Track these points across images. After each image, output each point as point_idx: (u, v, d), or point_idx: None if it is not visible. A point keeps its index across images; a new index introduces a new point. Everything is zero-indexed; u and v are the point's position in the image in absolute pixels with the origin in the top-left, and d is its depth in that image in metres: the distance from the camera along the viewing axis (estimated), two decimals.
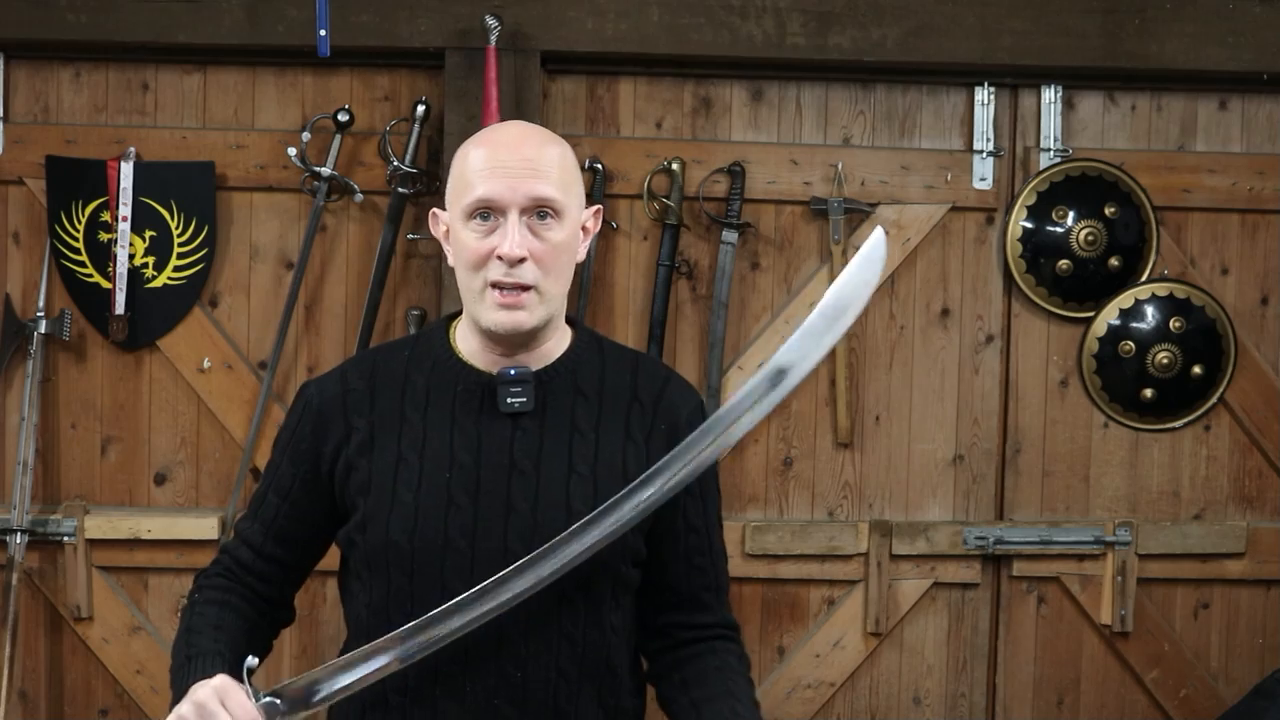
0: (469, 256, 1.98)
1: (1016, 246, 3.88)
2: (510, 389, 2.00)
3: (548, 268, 1.97)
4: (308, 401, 2.08)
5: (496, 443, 2.00)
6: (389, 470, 2.00)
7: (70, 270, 3.76)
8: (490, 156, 1.98)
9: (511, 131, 2.04)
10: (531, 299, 1.97)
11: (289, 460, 2.08)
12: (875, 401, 3.91)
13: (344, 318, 3.82)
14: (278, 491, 2.09)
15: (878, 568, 3.85)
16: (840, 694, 3.92)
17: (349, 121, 3.72)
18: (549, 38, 3.69)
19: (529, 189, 1.95)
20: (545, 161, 1.98)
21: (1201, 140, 3.95)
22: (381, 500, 2.00)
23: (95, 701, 3.84)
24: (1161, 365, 3.91)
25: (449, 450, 2.00)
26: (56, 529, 3.74)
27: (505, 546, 1.96)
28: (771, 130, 3.88)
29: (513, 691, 1.99)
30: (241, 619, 2.07)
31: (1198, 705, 3.95)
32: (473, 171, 1.98)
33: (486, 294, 1.97)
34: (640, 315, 3.83)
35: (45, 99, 3.80)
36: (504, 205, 1.95)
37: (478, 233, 1.97)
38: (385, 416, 2.03)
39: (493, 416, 2.01)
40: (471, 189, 1.97)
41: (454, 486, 1.99)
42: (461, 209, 1.98)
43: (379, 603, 2.02)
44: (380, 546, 2.00)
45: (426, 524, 1.98)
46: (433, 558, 1.97)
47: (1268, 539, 3.96)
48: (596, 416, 2.04)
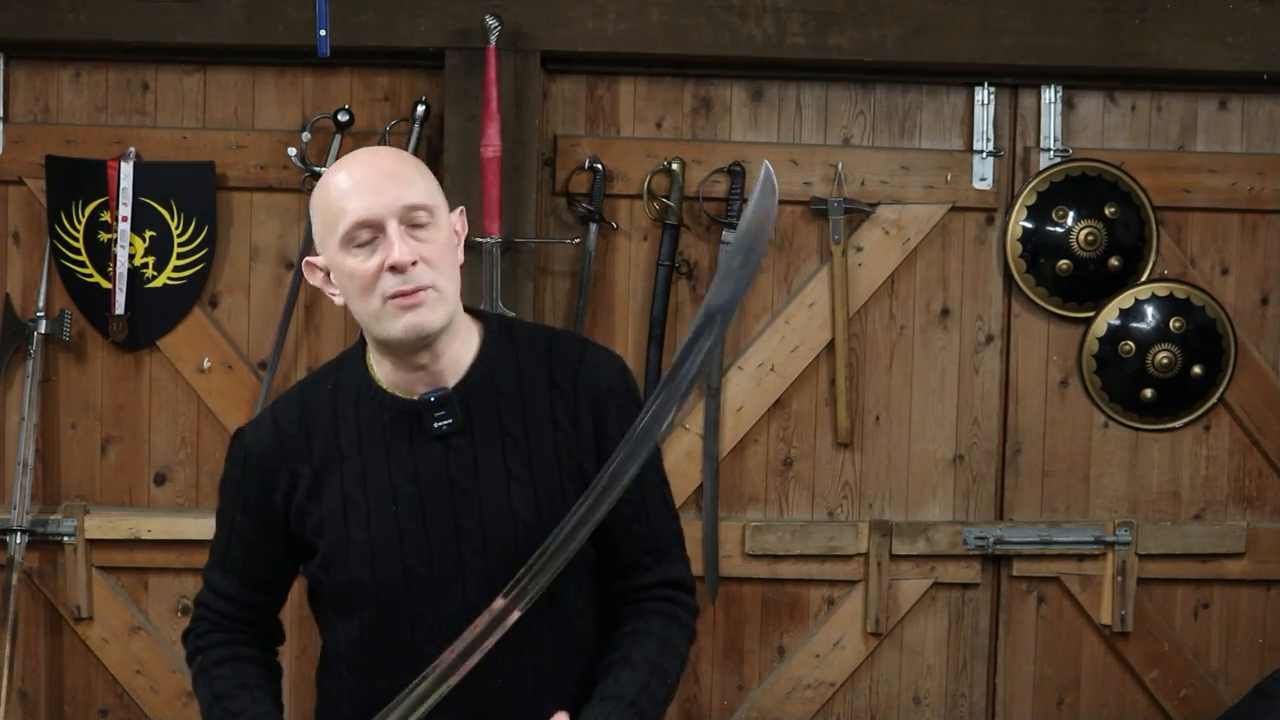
0: (360, 281, 2.00)
1: (1016, 246, 3.88)
2: (434, 413, 2.03)
3: (438, 266, 1.99)
4: (248, 454, 2.13)
5: (432, 467, 2.04)
6: (339, 511, 2.05)
7: (70, 270, 3.76)
8: (352, 180, 2.00)
9: (363, 156, 2.07)
10: (431, 296, 1.99)
11: (241, 512, 2.16)
12: (875, 401, 3.91)
13: (344, 318, 3.82)
14: (240, 542, 2.17)
15: (878, 568, 3.85)
16: (840, 694, 3.92)
17: (349, 121, 3.72)
18: (549, 38, 3.69)
19: (399, 197, 1.98)
20: (406, 172, 2.02)
21: (1201, 140, 3.95)
22: (337, 541, 2.05)
23: (95, 701, 3.84)
24: (1161, 365, 3.91)
25: (389, 482, 2.04)
26: (56, 529, 3.74)
27: (463, 565, 2.02)
28: (771, 130, 3.88)
29: (497, 697, 2.04)
30: (254, 665, 2.16)
31: (1198, 705, 3.95)
32: (340, 199, 2.00)
33: (387, 307, 1.99)
34: (640, 315, 3.83)
35: (45, 99, 3.80)
36: (380, 218, 1.97)
37: (360, 256, 1.99)
38: (325, 458, 2.07)
39: (424, 441, 2.04)
40: (344, 214, 1.98)
41: (402, 517, 2.03)
42: (339, 238, 2.00)
43: (356, 635, 2.08)
44: (345, 585, 2.06)
45: (384, 558, 2.03)
46: (396, 589, 2.02)
47: (1268, 539, 3.96)
48: (521, 414, 2.06)
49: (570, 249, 3.82)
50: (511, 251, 3.67)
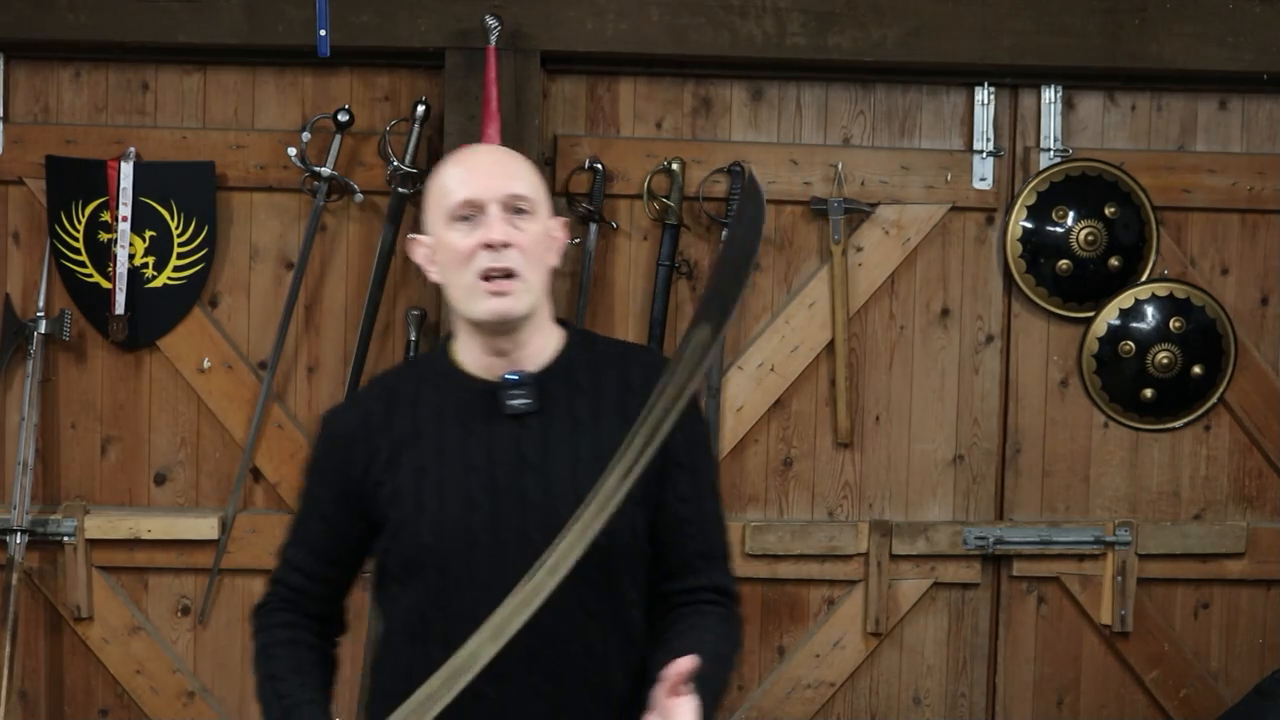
0: (457, 254, 2.16)
1: (1016, 246, 3.88)
2: (511, 392, 2.16)
3: (529, 256, 2.15)
4: (330, 431, 2.27)
5: (506, 443, 2.16)
6: (413, 481, 2.17)
7: (70, 270, 3.76)
8: (466, 166, 2.21)
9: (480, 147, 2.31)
10: (518, 285, 2.14)
11: (322, 486, 2.27)
12: (875, 401, 3.91)
13: (344, 318, 3.82)
14: (317, 515, 2.28)
15: (878, 568, 3.85)
16: (840, 694, 3.92)
17: (349, 121, 3.72)
18: (549, 38, 3.69)
19: (504, 185, 2.16)
20: (515, 166, 2.21)
21: (1201, 140, 3.95)
22: (410, 509, 2.17)
23: (95, 701, 3.84)
24: (1161, 365, 3.91)
25: (464, 455, 2.17)
26: (56, 529, 3.74)
27: (526, 537, 2.12)
28: (771, 130, 3.88)
29: (546, 668, 2.13)
30: (313, 652, 2.27)
31: (1198, 705, 3.95)
32: (452, 181, 2.19)
33: (477, 287, 2.14)
34: (640, 315, 3.83)
35: (45, 99, 3.80)
36: (484, 201, 2.15)
37: (462, 232, 2.15)
38: (403, 433, 2.20)
39: (499, 419, 2.17)
40: (453, 194, 2.17)
41: (473, 488, 2.15)
42: (445, 215, 2.17)
43: (415, 602, 2.18)
44: (414, 550, 2.17)
45: (453, 525, 2.15)
46: (461, 555, 2.14)
47: (1268, 539, 3.96)
48: (596, 407, 2.19)
49: (570, 249, 3.82)
50: None
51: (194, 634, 3.84)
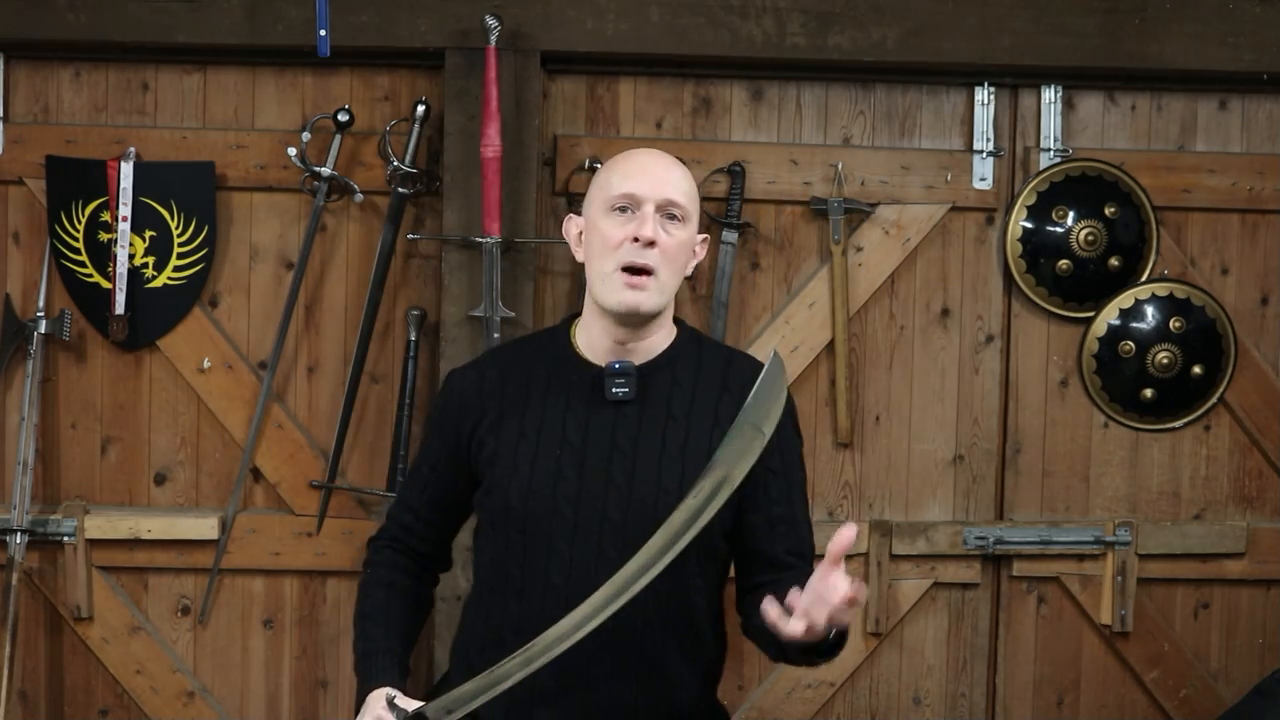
0: (607, 240, 2.35)
1: (1016, 246, 3.88)
2: (615, 380, 2.36)
3: (669, 259, 2.36)
4: (451, 388, 2.50)
5: (601, 426, 2.36)
6: (511, 446, 2.38)
7: (70, 270, 3.76)
8: (636, 164, 2.41)
9: (652, 152, 2.50)
10: (652, 284, 2.34)
11: (437, 437, 2.50)
12: (875, 401, 3.91)
13: (344, 318, 3.82)
14: (429, 464, 2.51)
15: (878, 568, 3.85)
16: (840, 694, 3.92)
17: (349, 121, 3.72)
18: (549, 38, 3.69)
19: (665, 191, 2.38)
20: (679, 177, 2.43)
21: (1201, 140, 3.95)
22: (504, 470, 2.38)
23: (95, 701, 3.84)
24: (1161, 365, 3.91)
25: (561, 431, 2.37)
26: (56, 529, 3.74)
27: (604, 515, 2.32)
28: (771, 130, 3.88)
29: (606, 637, 2.27)
30: (406, 595, 2.49)
31: (1198, 705, 3.95)
32: (619, 175, 2.39)
33: (616, 276, 2.34)
34: None
35: (45, 99, 3.80)
36: (643, 199, 2.35)
37: (616, 222, 2.36)
38: (512, 401, 2.41)
39: (600, 403, 2.37)
40: (617, 186, 2.37)
41: (564, 462, 2.35)
42: (605, 201, 2.38)
43: (499, 556, 2.39)
44: (501, 509, 2.38)
45: (538, 492, 2.34)
46: (542, 520, 2.33)
47: (1268, 539, 3.96)
48: (689, 405, 2.38)
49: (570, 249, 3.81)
50: (511, 251, 3.67)
51: (194, 634, 3.84)
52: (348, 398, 3.76)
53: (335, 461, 3.78)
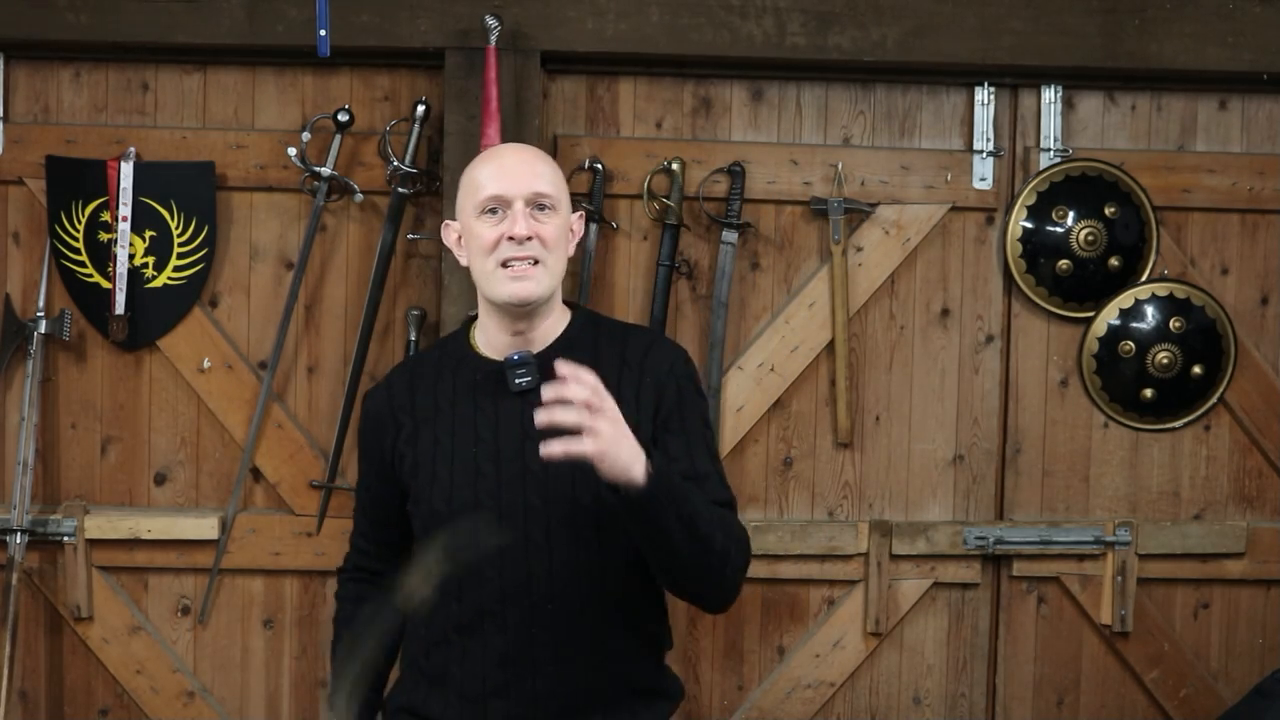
0: (483, 244, 2.42)
1: (1016, 246, 3.88)
2: (516, 371, 2.41)
3: (549, 246, 2.42)
4: (366, 409, 2.60)
5: (510, 418, 2.41)
6: (429, 453, 2.45)
7: (70, 270, 3.76)
8: (497, 164, 2.47)
9: (511, 146, 2.61)
10: (538, 271, 2.40)
11: (364, 460, 2.61)
12: (875, 401, 3.91)
13: (344, 318, 3.82)
14: (364, 487, 2.63)
15: (878, 568, 3.85)
16: (840, 694, 3.92)
17: (349, 121, 3.72)
18: (549, 38, 3.69)
19: (531, 185, 2.42)
20: (540, 167, 2.47)
21: (1201, 140, 3.95)
22: (425, 478, 2.45)
23: (95, 701, 3.84)
24: (1161, 365, 3.91)
25: (474, 430, 2.43)
26: (56, 529, 3.74)
27: (525, 503, 2.39)
28: (771, 130, 3.88)
29: (546, 619, 2.39)
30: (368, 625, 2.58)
31: (1198, 705, 3.95)
32: (483, 177, 2.45)
33: (498, 272, 2.40)
34: (640, 315, 3.83)
35: (45, 99, 3.80)
36: (510, 198, 2.41)
37: (489, 224, 2.42)
38: (424, 410, 2.48)
39: (506, 396, 2.42)
40: (482, 189, 2.43)
41: (480, 459, 2.41)
42: (474, 207, 2.44)
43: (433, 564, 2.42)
44: (428, 515, 2.45)
45: (460, 492, 2.41)
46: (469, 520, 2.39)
47: (1268, 539, 3.96)
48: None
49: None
50: None
51: (194, 634, 3.84)
52: (348, 398, 3.76)
53: (335, 461, 3.78)
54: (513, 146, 2.62)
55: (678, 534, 2.27)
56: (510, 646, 2.40)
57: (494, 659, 2.41)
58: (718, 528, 2.35)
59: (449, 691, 2.47)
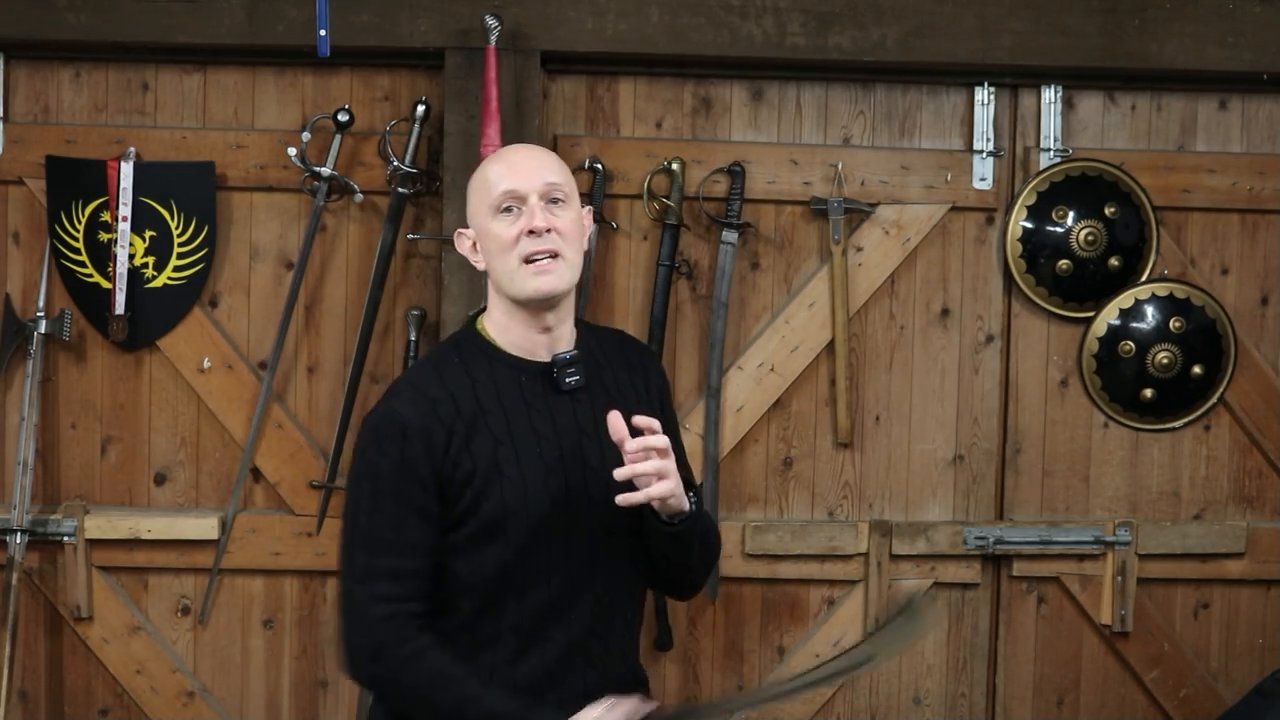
0: (502, 242, 2.40)
1: (1016, 246, 3.88)
2: (567, 370, 2.43)
3: (567, 239, 2.42)
4: (406, 427, 2.38)
5: (565, 415, 2.43)
6: (491, 453, 2.39)
7: (70, 270, 3.76)
8: (506, 163, 2.46)
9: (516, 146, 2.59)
10: (559, 265, 2.39)
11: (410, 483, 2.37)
12: (875, 401, 3.91)
13: (344, 318, 3.82)
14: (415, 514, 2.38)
15: (878, 568, 3.85)
16: (840, 694, 3.92)
17: (349, 121, 3.72)
18: (549, 38, 3.69)
19: (541, 177, 2.43)
20: (550, 162, 2.49)
21: (1201, 140, 3.95)
22: (491, 478, 2.38)
23: (95, 701, 3.84)
24: (1161, 365, 3.91)
25: (532, 428, 2.42)
26: (56, 529, 3.74)
27: (589, 497, 2.40)
28: (771, 130, 3.88)
29: (603, 610, 2.44)
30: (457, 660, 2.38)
31: (1198, 705, 3.95)
32: (494, 176, 2.44)
33: (521, 268, 2.39)
34: (640, 315, 3.83)
35: (45, 99, 3.80)
36: (525, 192, 2.41)
37: (505, 222, 2.41)
38: (470, 413, 2.41)
39: (556, 395, 2.44)
40: (496, 187, 2.42)
41: (545, 456, 2.41)
42: (489, 207, 2.42)
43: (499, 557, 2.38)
44: (499, 516, 2.37)
45: (534, 490, 2.39)
46: (541, 514, 2.38)
47: (1268, 539, 3.96)
48: (618, 383, 2.50)
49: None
50: None
51: (194, 634, 3.84)
52: (348, 398, 3.76)
53: (335, 461, 3.78)
54: (518, 145, 2.61)
55: (698, 545, 2.46)
56: (572, 640, 2.42)
57: (555, 653, 2.41)
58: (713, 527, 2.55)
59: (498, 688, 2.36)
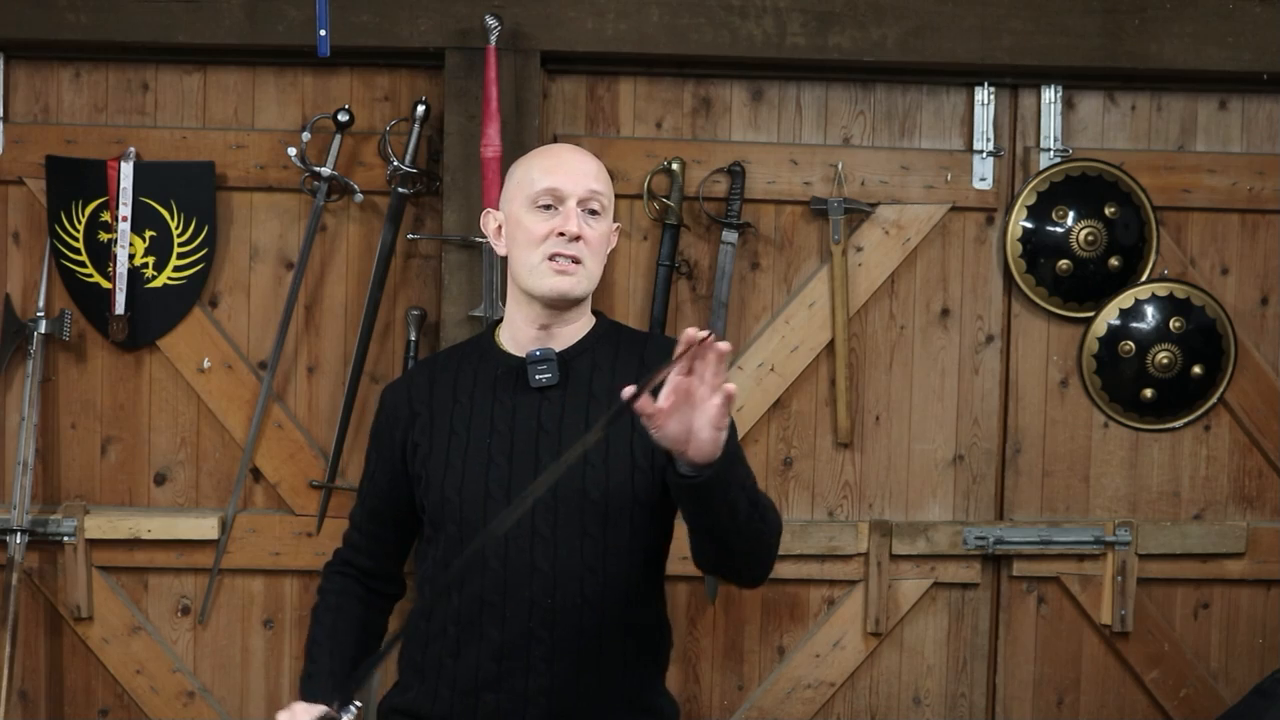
0: (531, 236, 2.42)
1: (1016, 246, 3.88)
2: (537, 367, 2.43)
3: (593, 250, 2.44)
4: (384, 401, 2.60)
5: (527, 412, 2.43)
6: (444, 443, 2.46)
7: (70, 270, 3.76)
8: (555, 160, 2.48)
9: (568, 146, 2.59)
10: (580, 271, 2.42)
11: (375, 450, 2.59)
12: (875, 401, 3.91)
13: (344, 318, 3.82)
14: (369, 478, 2.60)
15: (878, 568, 3.85)
16: (840, 694, 3.93)
17: (349, 121, 3.72)
18: (549, 38, 3.69)
19: (587, 184, 2.44)
20: (598, 170, 2.50)
21: (1201, 140, 3.95)
22: (438, 466, 2.45)
23: (95, 701, 3.84)
24: (1161, 365, 3.91)
25: (489, 421, 2.44)
26: (56, 529, 3.74)
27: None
28: (771, 130, 3.88)
29: (544, 615, 2.38)
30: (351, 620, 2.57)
31: (1198, 705, 3.95)
32: (539, 171, 2.45)
33: (544, 265, 2.41)
34: (640, 315, 3.83)
35: (45, 99, 3.80)
36: (565, 194, 2.42)
37: (540, 217, 2.42)
38: (442, 402, 2.49)
39: (525, 391, 2.44)
40: (538, 182, 2.43)
41: (493, 450, 2.42)
42: (527, 198, 2.43)
43: (440, 553, 2.46)
44: (439, 504, 2.45)
45: (470, 481, 2.41)
46: (476, 508, 2.39)
47: (1268, 539, 3.96)
48: (609, 385, 2.44)
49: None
50: None
51: (194, 634, 3.84)
52: (348, 398, 3.76)
53: (335, 461, 3.78)
54: (570, 146, 2.60)
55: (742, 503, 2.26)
56: (507, 640, 2.39)
57: (489, 652, 2.40)
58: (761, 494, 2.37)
59: (442, 684, 2.46)
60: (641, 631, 2.50)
